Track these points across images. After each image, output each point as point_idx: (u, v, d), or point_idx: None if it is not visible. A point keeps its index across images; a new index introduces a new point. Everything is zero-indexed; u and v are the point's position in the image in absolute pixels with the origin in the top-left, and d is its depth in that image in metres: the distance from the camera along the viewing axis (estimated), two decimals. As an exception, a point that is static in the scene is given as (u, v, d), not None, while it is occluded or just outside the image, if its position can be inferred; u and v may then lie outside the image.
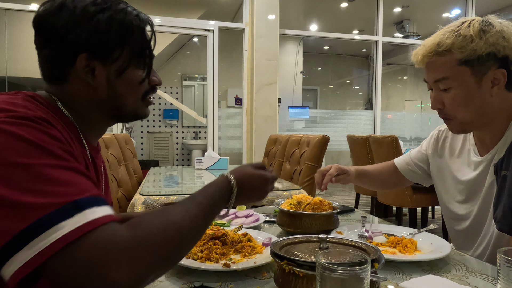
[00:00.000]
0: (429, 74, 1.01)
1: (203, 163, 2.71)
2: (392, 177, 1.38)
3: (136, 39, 0.70)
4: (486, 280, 0.79)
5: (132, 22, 0.69)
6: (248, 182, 0.76)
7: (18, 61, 4.52)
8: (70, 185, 0.50)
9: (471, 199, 1.07)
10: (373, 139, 3.34)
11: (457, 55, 0.93)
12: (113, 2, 0.69)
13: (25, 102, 0.58)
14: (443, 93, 0.98)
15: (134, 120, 0.80)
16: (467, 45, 0.91)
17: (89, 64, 0.67)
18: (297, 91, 6.78)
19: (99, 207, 0.50)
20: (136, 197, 1.62)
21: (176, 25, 4.15)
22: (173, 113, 6.65)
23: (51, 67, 0.69)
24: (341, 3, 5.80)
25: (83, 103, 0.70)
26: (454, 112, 0.98)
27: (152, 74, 0.76)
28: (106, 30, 0.66)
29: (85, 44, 0.66)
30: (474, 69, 0.93)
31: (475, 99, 0.95)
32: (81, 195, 0.49)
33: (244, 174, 0.77)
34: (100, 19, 0.66)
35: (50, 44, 0.67)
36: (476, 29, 0.91)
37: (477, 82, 0.94)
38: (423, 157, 1.28)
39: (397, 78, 8.83)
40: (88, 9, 0.66)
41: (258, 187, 0.79)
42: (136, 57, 0.71)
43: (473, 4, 5.22)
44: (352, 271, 0.51)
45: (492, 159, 1.00)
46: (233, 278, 0.79)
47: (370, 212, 3.98)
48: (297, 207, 1.14)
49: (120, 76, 0.70)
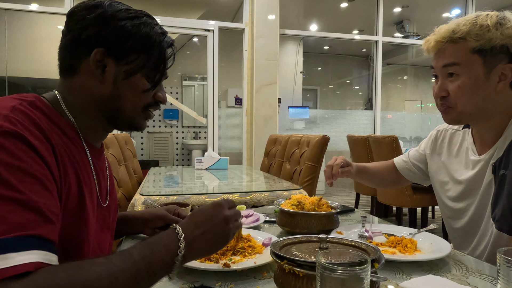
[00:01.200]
0: (439, 59, 0.99)
1: (203, 163, 2.71)
2: (391, 176, 1.39)
3: (154, 52, 0.74)
4: (486, 280, 0.79)
5: (155, 37, 0.74)
6: (202, 229, 0.65)
7: (18, 61, 4.52)
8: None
9: (469, 197, 1.07)
10: (373, 139, 3.34)
11: (472, 43, 0.93)
12: (144, 16, 0.75)
13: (12, 112, 0.57)
14: (449, 81, 0.98)
15: (129, 129, 0.81)
16: (483, 34, 0.91)
17: (103, 59, 0.70)
18: (297, 91, 6.78)
19: (18, 252, 0.47)
20: (136, 197, 1.62)
21: (176, 25, 4.15)
22: (173, 113, 6.65)
23: (68, 55, 0.72)
24: (341, 3, 5.80)
25: (85, 98, 0.72)
26: (457, 101, 0.98)
27: (159, 90, 0.79)
28: (129, 35, 0.71)
29: (105, 40, 0.70)
30: (486, 59, 0.93)
31: (480, 91, 0.95)
32: (3, 236, 0.47)
33: (195, 220, 0.66)
34: (127, 24, 0.71)
35: (74, 32, 0.71)
36: (494, 20, 0.92)
37: (486, 74, 0.94)
38: (421, 157, 1.29)
39: (397, 78, 8.84)
40: (119, 14, 0.72)
41: (217, 231, 0.67)
42: (149, 68, 0.74)
43: (473, 4, 5.22)
44: (352, 271, 0.51)
45: (491, 158, 1.00)
46: (233, 278, 0.79)
47: (370, 212, 3.98)
48: (297, 207, 1.14)
49: (127, 78, 0.73)
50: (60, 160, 0.62)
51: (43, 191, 0.55)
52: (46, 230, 0.52)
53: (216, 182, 2.29)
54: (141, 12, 0.75)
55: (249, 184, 2.20)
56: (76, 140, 0.71)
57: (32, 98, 0.65)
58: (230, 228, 0.69)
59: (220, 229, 0.67)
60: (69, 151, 0.67)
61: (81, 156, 0.71)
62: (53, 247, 0.53)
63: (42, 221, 0.52)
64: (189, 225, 0.65)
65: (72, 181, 0.65)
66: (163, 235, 0.62)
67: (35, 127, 0.59)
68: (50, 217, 0.54)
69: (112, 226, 0.87)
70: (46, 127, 0.61)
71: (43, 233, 0.51)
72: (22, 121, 0.57)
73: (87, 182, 0.71)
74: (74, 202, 0.66)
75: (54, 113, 0.68)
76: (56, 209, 0.56)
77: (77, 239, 0.67)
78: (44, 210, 0.53)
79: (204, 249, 0.66)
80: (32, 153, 0.55)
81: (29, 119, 0.59)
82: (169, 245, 0.61)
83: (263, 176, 2.47)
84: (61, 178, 0.62)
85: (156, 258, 0.58)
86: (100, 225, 0.78)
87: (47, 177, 0.56)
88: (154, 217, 1.01)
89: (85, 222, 0.69)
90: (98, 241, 0.76)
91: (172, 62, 0.80)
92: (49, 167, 0.58)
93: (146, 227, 1.02)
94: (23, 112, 0.59)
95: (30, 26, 4.65)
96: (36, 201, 0.52)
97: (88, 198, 0.70)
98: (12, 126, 0.55)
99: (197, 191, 1.77)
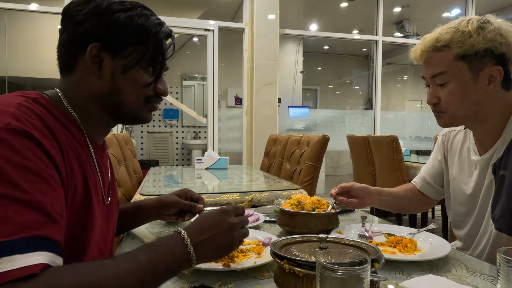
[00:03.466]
0: (427, 69, 1.02)
1: (203, 163, 2.71)
2: (415, 197, 1.29)
3: (151, 44, 0.73)
4: (486, 280, 0.79)
5: (150, 28, 0.73)
6: (207, 234, 0.65)
7: (18, 61, 4.52)
8: (3, 223, 0.47)
9: (472, 199, 1.08)
10: (373, 139, 3.34)
11: (455, 50, 0.94)
12: (139, 7, 0.73)
13: (18, 109, 0.57)
14: (440, 88, 1.00)
15: (135, 123, 0.80)
16: (465, 40, 0.93)
17: (99, 54, 0.70)
18: (297, 91, 6.79)
19: (24, 254, 0.46)
20: (136, 197, 1.62)
21: (176, 24, 4.15)
22: (173, 113, 6.65)
23: (65, 53, 0.72)
24: (341, 3, 5.80)
25: (86, 95, 0.72)
26: (448, 106, 0.99)
27: (159, 83, 0.78)
28: (123, 27, 0.70)
29: (100, 34, 0.69)
30: (471, 64, 0.94)
31: (471, 95, 0.96)
32: (9, 237, 0.46)
33: (201, 225, 0.67)
34: (121, 17, 0.70)
35: (69, 29, 0.70)
36: (475, 25, 0.93)
37: (474, 78, 0.95)
38: (434, 167, 1.25)
39: (397, 78, 8.83)
40: (113, 7, 0.70)
41: (222, 238, 0.67)
42: (147, 61, 0.73)
43: (473, 4, 5.22)
44: (352, 271, 0.51)
45: (491, 158, 1.01)
46: (233, 278, 0.79)
47: (370, 212, 3.98)
48: (297, 207, 1.14)
49: (125, 72, 0.72)
50: (66, 157, 0.62)
51: (49, 190, 0.54)
52: (52, 231, 0.52)
53: (216, 182, 2.29)
54: (136, 4, 0.73)
55: (249, 184, 2.20)
56: (79, 137, 0.71)
57: (35, 95, 0.64)
58: (234, 235, 0.69)
59: (225, 236, 0.67)
60: (74, 148, 0.66)
61: (85, 153, 0.71)
62: (58, 249, 0.52)
63: (48, 221, 0.52)
64: (194, 230, 0.65)
65: (78, 178, 0.65)
66: (168, 238, 0.63)
67: (42, 124, 0.58)
68: (55, 217, 0.53)
69: (114, 222, 0.87)
70: (52, 124, 0.61)
71: (48, 234, 0.51)
72: (30, 119, 0.57)
73: (92, 179, 0.71)
74: (80, 198, 0.66)
75: (57, 110, 0.67)
76: (61, 209, 0.56)
77: (83, 236, 0.67)
78: (49, 210, 0.52)
79: (208, 255, 0.66)
80: (39, 151, 0.55)
81: (36, 116, 0.59)
82: (175, 249, 0.61)
83: (263, 176, 2.47)
84: (68, 176, 0.61)
85: (161, 261, 0.58)
86: (104, 221, 0.78)
87: (53, 176, 0.56)
88: (167, 204, 1.01)
89: (91, 219, 0.69)
90: (102, 237, 0.77)
91: (172, 52, 0.78)
92: (56, 165, 0.58)
93: (161, 215, 1.02)
94: (29, 109, 0.59)
95: (30, 26, 4.65)
96: (42, 201, 0.52)
97: (94, 195, 0.70)
98: (20, 124, 0.54)
99: (197, 191, 1.75)
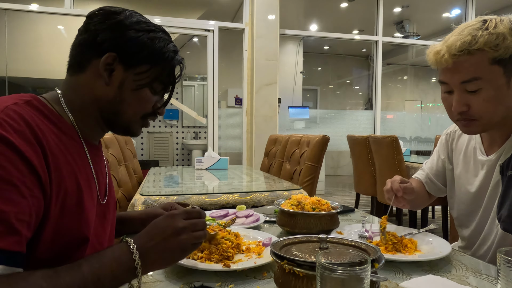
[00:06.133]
0: (455, 75, 0.93)
1: (203, 163, 2.71)
2: (421, 194, 1.27)
3: (165, 67, 0.77)
4: (486, 280, 0.79)
5: (168, 54, 0.77)
6: (154, 241, 0.64)
7: (18, 61, 4.52)
8: None
9: (477, 199, 1.07)
10: (373, 139, 3.34)
11: (491, 54, 0.88)
12: (161, 31, 0.77)
13: (3, 112, 0.57)
14: (470, 95, 0.93)
15: (125, 134, 0.82)
16: (501, 43, 0.87)
17: (112, 63, 0.72)
18: (297, 91, 6.79)
19: None
20: (136, 197, 1.62)
21: (176, 25, 4.15)
22: (173, 113, 6.65)
23: (80, 52, 0.73)
24: (341, 3, 5.80)
25: (88, 97, 0.74)
26: (481, 114, 0.93)
27: (160, 102, 0.82)
28: (143, 46, 0.73)
29: (120, 47, 0.72)
30: (506, 68, 0.90)
31: (505, 100, 0.92)
32: None
33: (148, 232, 0.66)
34: (142, 36, 0.74)
35: (91, 32, 0.72)
36: (507, 27, 0.89)
37: (507, 83, 0.91)
38: (438, 165, 1.24)
39: (397, 78, 8.84)
40: (137, 26, 0.74)
41: (169, 243, 0.65)
42: (157, 82, 0.77)
43: (473, 4, 5.22)
44: (352, 271, 0.51)
45: (498, 159, 1.00)
46: (233, 278, 0.79)
47: (370, 212, 3.98)
48: (297, 207, 1.14)
49: (137, 90, 0.75)
50: (51, 160, 0.61)
51: (18, 198, 0.54)
52: (9, 242, 0.51)
53: (216, 182, 2.29)
54: (159, 28, 0.77)
55: (249, 184, 2.20)
56: (74, 137, 0.72)
57: (28, 98, 0.65)
58: (181, 239, 0.66)
59: (171, 241, 0.65)
60: (65, 150, 0.67)
61: (79, 154, 0.72)
62: (15, 258, 0.52)
63: (5, 232, 0.51)
64: (142, 237, 0.65)
65: (68, 180, 0.65)
66: (115, 247, 0.62)
67: (26, 128, 0.58)
68: (16, 227, 0.52)
69: (112, 221, 0.87)
70: (39, 127, 0.61)
71: (5, 246, 0.50)
72: (12, 122, 0.57)
73: (86, 180, 0.72)
74: (73, 200, 0.66)
75: (51, 111, 0.68)
76: (29, 217, 0.55)
77: (77, 236, 0.68)
78: (12, 220, 0.52)
79: (157, 261, 0.65)
80: (15, 157, 0.55)
81: (21, 119, 0.59)
82: (120, 258, 0.61)
83: (263, 176, 2.47)
84: (52, 180, 0.61)
85: (106, 271, 0.58)
86: (100, 221, 0.79)
87: (26, 183, 0.55)
88: (151, 217, 1.01)
89: (85, 219, 0.69)
90: (97, 237, 0.77)
91: (179, 79, 0.83)
92: (36, 171, 0.57)
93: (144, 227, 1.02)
94: (16, 112, 0.59)
95: (30, 26, 4.65)
96: (5, 211, 0.51)
97: (87, 196, 0.70)
98: (3, 131, 0.54)
99: (197, 191, 1.77)
